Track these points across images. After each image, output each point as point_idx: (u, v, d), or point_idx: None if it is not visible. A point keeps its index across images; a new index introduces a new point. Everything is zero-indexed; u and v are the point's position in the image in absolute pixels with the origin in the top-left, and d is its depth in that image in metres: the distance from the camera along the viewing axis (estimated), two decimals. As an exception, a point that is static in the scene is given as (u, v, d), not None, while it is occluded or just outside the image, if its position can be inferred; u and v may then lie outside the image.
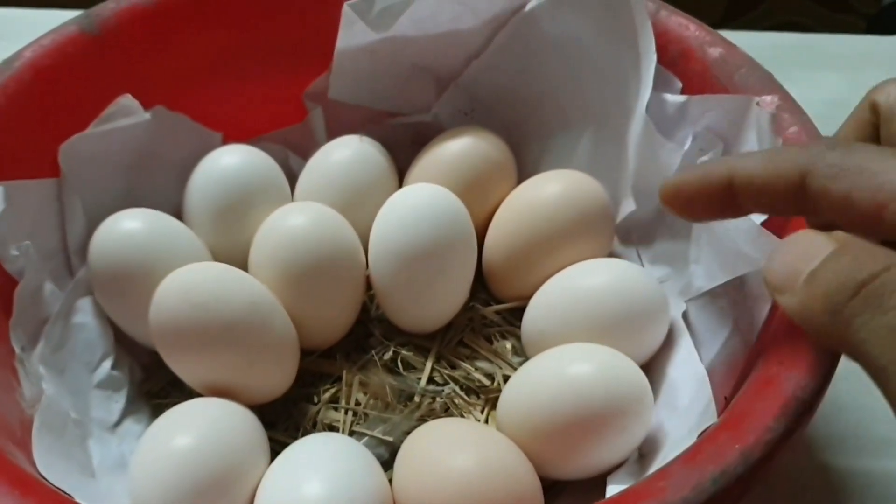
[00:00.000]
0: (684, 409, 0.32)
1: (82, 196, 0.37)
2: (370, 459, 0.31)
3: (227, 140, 0.42)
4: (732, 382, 0.29)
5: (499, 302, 0.40)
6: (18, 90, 0.35)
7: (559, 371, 0.32)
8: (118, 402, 0.36)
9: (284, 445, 0.33)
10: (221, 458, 0.30)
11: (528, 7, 0.39)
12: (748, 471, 0.24)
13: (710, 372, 0.30)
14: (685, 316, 0.31)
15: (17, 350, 0.33)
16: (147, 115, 0.38)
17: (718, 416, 0.28)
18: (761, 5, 0.69)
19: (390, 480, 0.31)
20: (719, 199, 0.27)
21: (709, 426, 0.27)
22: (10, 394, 0.31)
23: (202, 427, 0.31)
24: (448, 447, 0.31)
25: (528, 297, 0.38)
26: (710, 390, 0.28)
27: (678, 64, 0.37)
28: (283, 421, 0.36)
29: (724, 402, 0.28)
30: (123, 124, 0.38)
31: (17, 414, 0.31)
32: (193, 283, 0.33)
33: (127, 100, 0.38)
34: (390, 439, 0.34)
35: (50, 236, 0.36)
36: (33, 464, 0.29)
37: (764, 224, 0.31)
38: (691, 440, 0.28)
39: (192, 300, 0.32)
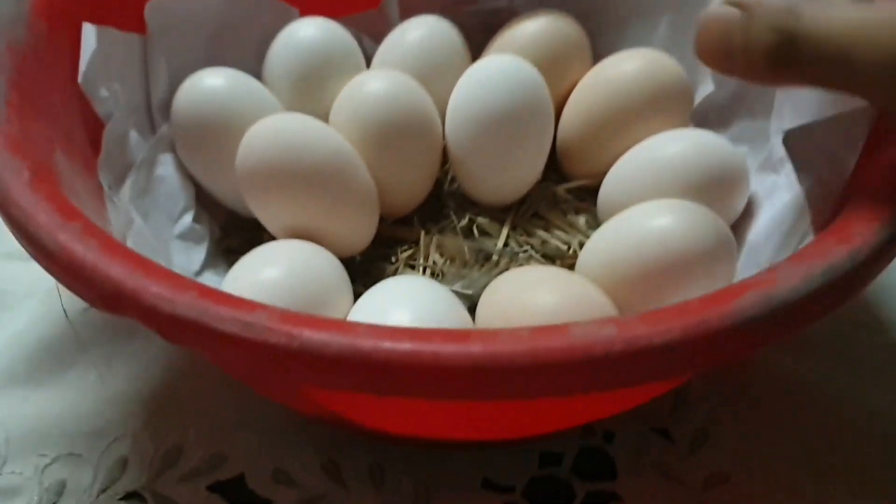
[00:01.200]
0: (768, 263, 0.32)
1: (166, 56, 0.37)
2: (452, 297, 0.31)
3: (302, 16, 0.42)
4: (828, 213, 0.29)
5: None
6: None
7: (642, 221, 0.32)
8: (199, 253, 0.36)
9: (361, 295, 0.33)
10: (308, 292, 0.31)
11: None
12: (856, 269, 0.24)
13: (806, 200, 0.30)
14: (785, 141, 0.31)
15: (105, 187, 0.33)
16: (229, -16, 0.39)
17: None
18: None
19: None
20: None
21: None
22: (101, 221, 0.32)
23: (290, 262, 0.31)
24: (531, 286, 0.31)
25: (603, 176, 0.38)
26: (808, 213, 0.28)
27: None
28: (361, 277, 0.36)
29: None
30: (207, -10, 0.38)
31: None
32: (282, 129, 0.33)
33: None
34: (469, 292, 0.34)
35: (135, 91, 0.37)
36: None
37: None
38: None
39: (281, 143, 0.33)
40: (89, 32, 0.34)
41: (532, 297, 0.30)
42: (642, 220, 0.32)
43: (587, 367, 0.22)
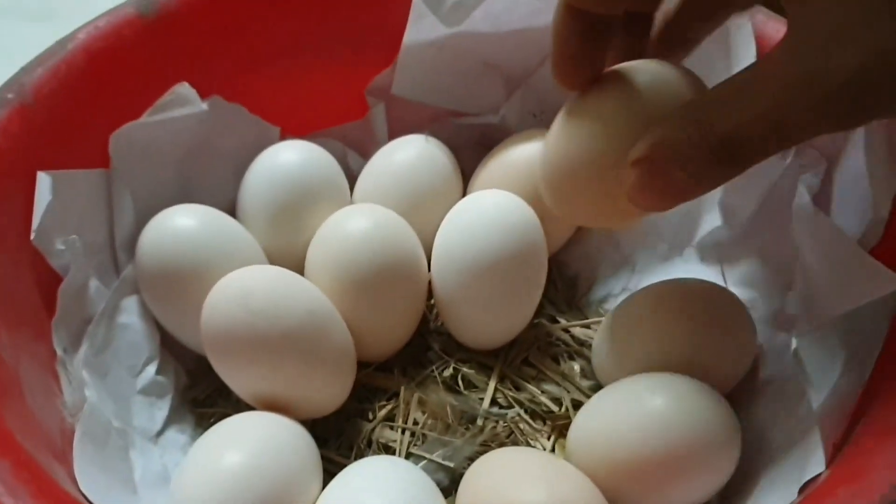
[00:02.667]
0: (778, 449, 0.29)
1: (132, 188, 0.35)
2: (432, 488, 0.29)
3: (284, 134, 0.40)
4: (843, 427, 0.26)
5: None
6: (70, 73, 0.33)
7: (639, 402, 0.30)
8: (161, 409, 0.34)
9: (337, 465, 0.31)
10: (273, 480, 0.28)
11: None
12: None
13: (819, 415, 0.27)
14: (796, 353, 0.28)
15: (59, 352, 0.31)
16: (204, 106, 0.36)
17: (827, 465, 0.25)
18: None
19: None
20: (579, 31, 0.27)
21: (817, 475, 0.25)
22: (51, 400, 0.29)
23: (253, 444, 0.29)
24: (516, 480, 0.28)
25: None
26: (819, 439, 0.26)
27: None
28: (335, 438, 0.33)
29: (833, 449, 0.26)
30: (179, 114, 0.36)
31: (57, 422, 0.29)
32: (251, 288, 0.31)
33: (183, 88, 0.36)
34: (451, 465, 0.32)
35: (97, 230, 0.34)
36: (73, 478, 0.27)
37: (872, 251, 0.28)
38: (792, 489, 0.26)
39: (250, 306, 0.30)
40: (44, 182, 0.31)
41: (518, 494, 0.27)
42: (640, 402, 0.29)
43: None
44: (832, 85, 0.21)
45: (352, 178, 0.40)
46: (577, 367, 0.36)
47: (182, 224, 0.34)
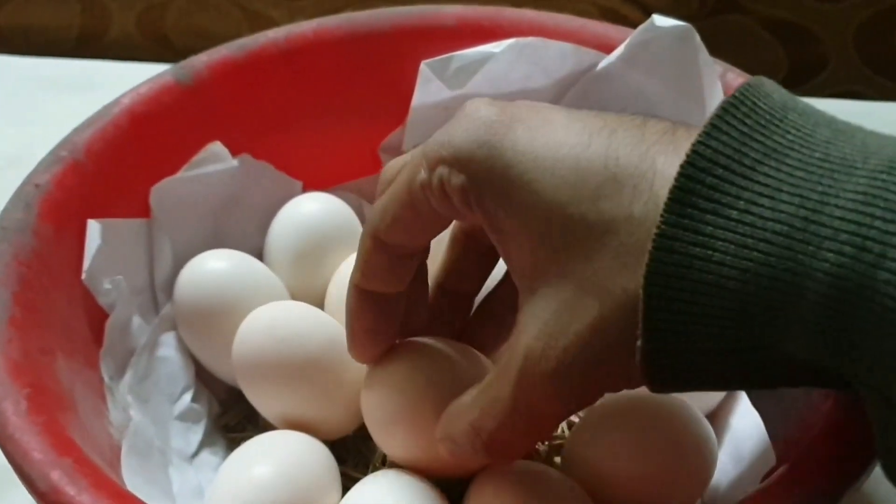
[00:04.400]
0: (749, 458, 0.32)
1: (170, 236, 0.39)
2: (440, 498, 0.32)
3: (306, 188, 0.44)
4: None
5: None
6: (116, 133, 0.38)
7: (626, 419, 0.33)
8: (196, 433, 0.37)
9: (354, 480, 0.34)
10: (297, 490, 0.31)
11: (600, 66, 0.41)
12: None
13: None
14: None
15: (107, 379, 0.34)
16: (235, 162, 0.41)
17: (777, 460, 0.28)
18: (821, 74, 0.70)
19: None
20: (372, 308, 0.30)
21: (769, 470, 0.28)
22: (99, 419, 0.33)
23: (280, 458, 0.32)
24: (522, 491, 0.31)
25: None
26: (766, 434, 0.29)
27: (745, 123, 0.38)
28: (352, 457, 0.37)
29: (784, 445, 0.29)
30: (212, 170, 0.40)
31: (106, 438, 0.32)
32: (278, 320, 0.34)
33: (216, 146, 0.40)
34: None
35: (139, 273, 0.38)
36: (122, 484, 0.30)
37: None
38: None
39: (277, 335, 0.34)
40: (94, 229, 0.35)
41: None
42: (624, 414, 0.33)
43: None
44: (562, 360, 0.24)
45: (367, 227, 0.44)
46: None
47: (215, 267, 0.38)
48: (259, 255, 0.41)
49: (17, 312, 0.31)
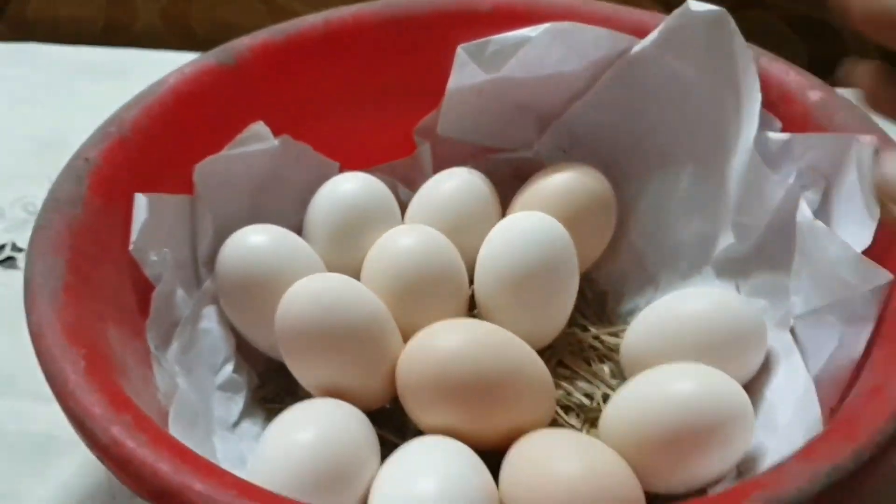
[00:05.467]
0: (785, 427, 0.33)
1: (213, 212, 0.40)
2: (479, 461, 0.33)
3: (342, 169, 0.45)
4: (838, 396, 0.30)
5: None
6: (162, 112, 0.39)
7: (664, 387, 0.33)
8: (237, 403, 0.38)
9: (392, 447, 0.34)
10: (341, 454, 0.32)
11: (634, 51, 0.42)
12: (860, 468, 0.25)
13: (817, 385, 0.31)
14: (793, 331, 0.33)
15: (153, 348, 0.35)
16: (276, 142, 0.41)
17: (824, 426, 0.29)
18: (841, 69, 0.71)
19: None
20: None
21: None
22: (148, 387, 0.34)
23: (321, 424, 0.33)
24: (553, 454, 0.32)
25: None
26: (817, 403, 0.30)
27: (779, 107, 0.39)
28: (391, 425, 0.37)
29: (831, 413, 0.29)
30: (254, 149, 0.41)
31: (155, 403, 0.33)
32: (322, 290, 0.35)
33: (259, 126, 0.41)
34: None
35: (182, 248, 0.39)
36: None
37: (865, 252, 0.32)
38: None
39: (321, 304, 0.35)
40: (141, 203, 0.36)
41: (555, 467, 0.31)
42: (664, 386, 0.33)
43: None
44: None
45: (401, 208, 0.44)
46: (606, 368, 0.40)
47: (255, 241, 0.39)
48: (298, 232, 0.42)
49: (70, 280, 0.32)
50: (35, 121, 0.58)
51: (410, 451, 0.33)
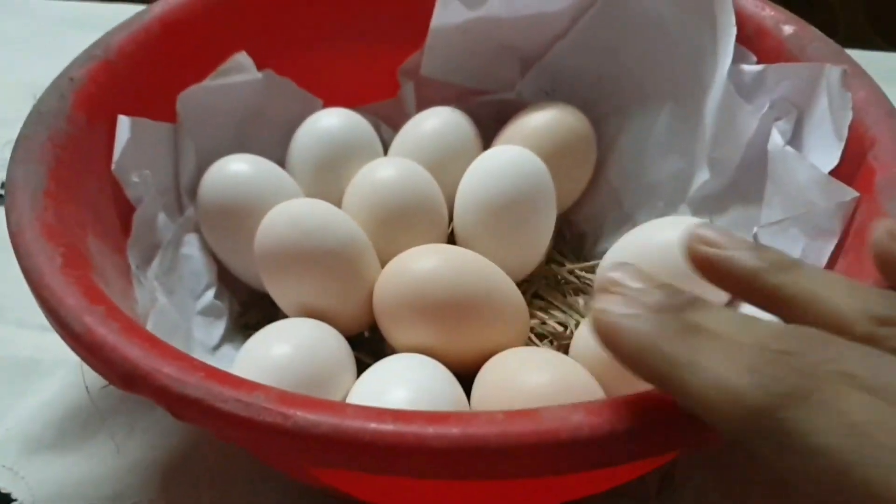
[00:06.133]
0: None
1: (196, 142, 0.40)
2: (450, 375, 0.33)
3: (325, 107, 0.45)
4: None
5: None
6: (147, 38, 0.39)
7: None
8: (218, 328, 0.39)
9: (367, 366, 0.35)
10: (315, 367, 0.33)
11: (616, -11, 0.42)
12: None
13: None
14: (755, 238, 0.33)
15: (133, 267, 0.36)
16: (259, 75, 0.42)
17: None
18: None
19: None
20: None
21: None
22: (127, 301, 0.34)
23: (299, 339, 0.34)
24: (522, 366, 0.33)
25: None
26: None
27: (754, 41, 0.39)
28: (368, 349, 0.38)
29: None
30: (237, 80, 0.41)
31: (132, 314, 0.34)
32: (302, 213, 0.36)
33: (242, 57, 0.41)
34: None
35: (164, 175, 0.40)
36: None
37: (832, 173, 0.33)
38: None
39: (300, 227, 0.35)
40: (124, 124, 0.37)
41: (524, 378, 0.32)
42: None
43: (555, 451, 0.23)
44: None
45: (384, 148, 0.45)
46: (581, 301, 0.40)
47: (237, 169, 0.39)
48: (281, 166, 0.42)
49: (52, 186, 0.32)
50: (24, 69, 0.58)
51: (382, 367, 0.33)
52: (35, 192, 0.31)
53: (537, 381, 0.31)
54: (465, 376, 0.34)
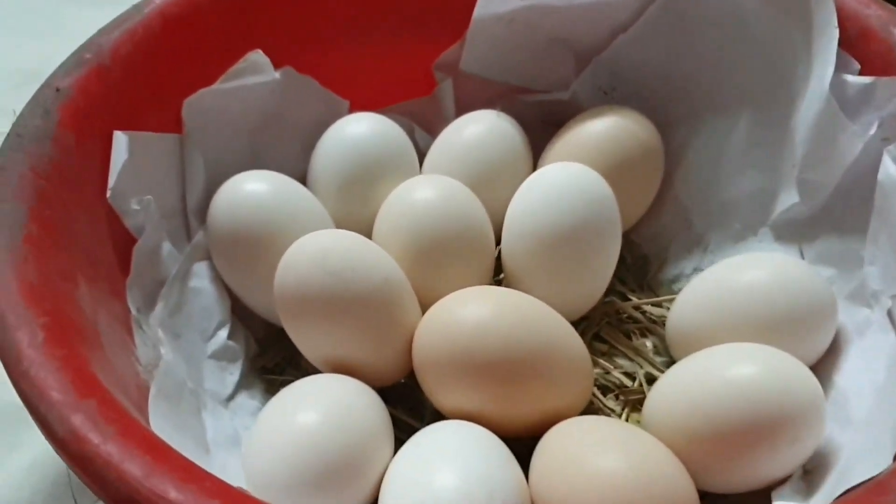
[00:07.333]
0: (862, 422, 0.28)
1: (205, 155, 0.35)
2: (506, 451, 0.28)
3: (352, 109, 0.40)
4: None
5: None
6: (146, 37, 0.34)
7: (721, 371, 0.29)
8: (233, 374, 0.34)
9: (407, 430, 0.30)
10: (348, 441, 0.28)
11: (691, -23, 0.36)
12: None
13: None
14: (890, 314, 0.28)
15: (134, 311, 0.31)
16: (276, 75, 0.36)
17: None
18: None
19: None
20: None
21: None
22: (126, 356, 0.29)
23: (327, 403, 0.29)
24: (592, 445, 0.28)
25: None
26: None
27: (856, 45, 0.33)
28: (403, 403, 0.33)
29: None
30: (251, 82, 0.36)
31: (132, 378, 0.28)
32: (329, 250, 0.30)
33: (258, 55, 0.36)
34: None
35: (169, 195, 0.34)
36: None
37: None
38: (885, 459, 0.25)
39: (326, 266, 0.30)
40: (120, 141, 0.31)
41: (595, 462, 0.27)
42: (722, 370, 0.29)
43: None
44: None
45: (418, 155, 0.39)
46: (649, 343, 0.35)
47: (253, 189, 0.34)
48: (302, 180, 0.37)
49: (33, 229, 0.27)
50: (11, 52, 0.53)
51: (427, 440, 0.28)
52: (13, 239, 0.26)
53: (612, 468, 0.26)
54: (522, 443, 0.29)
